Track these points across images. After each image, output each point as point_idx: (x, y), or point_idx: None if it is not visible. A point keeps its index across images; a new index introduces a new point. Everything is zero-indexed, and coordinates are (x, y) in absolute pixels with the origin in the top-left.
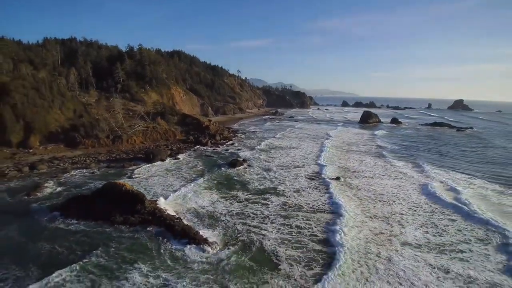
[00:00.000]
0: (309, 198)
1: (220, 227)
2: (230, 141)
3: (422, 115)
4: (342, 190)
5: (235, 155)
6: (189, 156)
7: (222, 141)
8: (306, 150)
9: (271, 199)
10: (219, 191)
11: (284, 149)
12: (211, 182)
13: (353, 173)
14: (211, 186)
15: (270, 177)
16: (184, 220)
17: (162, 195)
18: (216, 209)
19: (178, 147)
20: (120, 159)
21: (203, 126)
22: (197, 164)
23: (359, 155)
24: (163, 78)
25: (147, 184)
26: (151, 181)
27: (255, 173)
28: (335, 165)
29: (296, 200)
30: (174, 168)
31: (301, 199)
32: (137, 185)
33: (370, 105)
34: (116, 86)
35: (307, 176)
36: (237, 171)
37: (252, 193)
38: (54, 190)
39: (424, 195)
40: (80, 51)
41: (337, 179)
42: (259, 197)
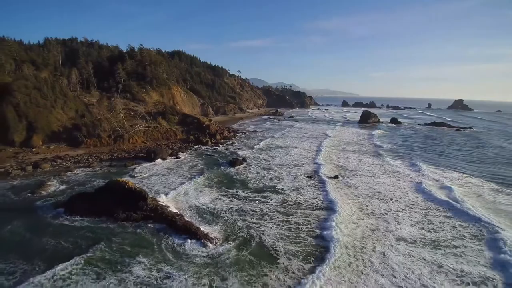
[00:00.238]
0: (307, 196)
1: (220, 223)
2: (230, 141)
3: (421, 115)
4: (339, 188)
5: (235, 154)
6: (190, 155)
7: (222, 141)
8: (305, 149)
9: (270, 196)
10: (219, 189)
11: (283, 148)
12: (212, 180)
13: (351, 172)
14: (212, 184)
15: (269, 175)
16: (185, 216)
17: (163, 192)
18: (216, 206)
19: (179, 146)
20: (122, 158)
21: (204, 125)
22: (197, 163)
23: (357, 154)
24: (164, 78)
25: (148, 182)
26: (152, 179)
27: (255, 171)
28: (334, 164)
29: (295, 198)
30: (175, 167)
31: (299, 197)
32: (139, 183)
33: (370, 105)
34: (117, 86)
35: (305, 174)
36: (237, 169)
37: (251, 191)
38: (57, 188)
39: (420, 193)
40: (81, 51)
41: (335, 177)
42: (259, 194)
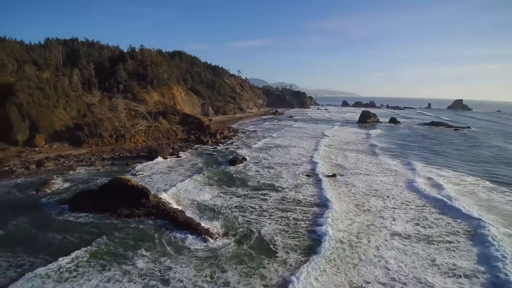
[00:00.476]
0: (306, 193)
1: (220, 219)
2: (230, 140)
3: (421, 115)
4: (337, 186)
5: (235, 153)
6: (190, 154)
7: (222, 140)
8: (304, 148)
9: (269, 194)
10: (220, 187)
11: (282, 147)
12: (212, 178)
13: (349, 171)
14: (212, 182)
15: (268, 174)
16: (186, 213)
17: (165, 190)
18: (216, 203)
19: (179, 145)
20: (123, 157)
21: (204, 125)
22: (198, 162)
23: (355, 153)
24: (165, 78)
25: (150, 180)
26: (154, 177)
27: (254, 170)
28: (332, 163)
29: (293, 195)
30: (176, 165)
31: (298, 194)
32: (141, 181)
33: (370, 105)
34: (118, 86)
35: (304, 173)
36: (236, 168)
37: (251, 188)
38: (61, 186)
39: (416, 191)
40: (82, 52)
41: (333, 176)
42: (258, 192)
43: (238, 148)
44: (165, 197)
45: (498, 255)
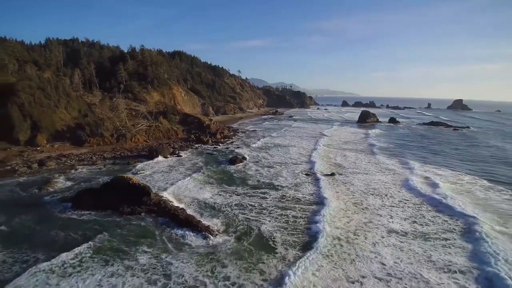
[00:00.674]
0: (305, 192)
1: (221, 217)
2: (230, 140)
3: (420, 115)
4: (336, 185)
5: (235, 152)
6: (191, 153)
7: (222, 140)
8: (303, 148)
9: (269, 193)
10: (220, 185)
11: (282, 147)
12: (212, 177)
13: (347, 170)
14: (212, 181)
15: (268, 173)
16: (187, 210)
17: (166, 188)
18: (217, 201)
19: (180, 145)
20: (124, 156)
21: (204, 125)
22: (198, 161)
23: (354, 153)
24: (165, 78)
25: (151, 179)
26: (155, 176)
27: (254, 169)
28: (331, 162)
29: (293, 194)
30: (176, 164)
31: (297, 193)
32: (142, 180)
33: (369, 105)
34: (119, 86)
35: (303, 172)
36: (236, 167)
37: (251, 187)
38: (64, 184)
39: (414, 190)
40: (82, 52)
41: (332, 175)
42: (258, 191)
43: (238, 147)
44: (166, 195)
45: (491, 251)
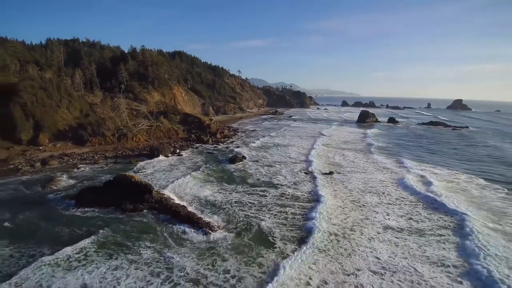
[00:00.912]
0: (304, 190)
1: (221, 213)
2: (230, 139)
3: (420, 115)
4: (334, 183)
5: (235, 152)
6: (191, 153)
7: (222, 139)
8: (302, 147)
9: (268, 191)
10: (220, 184)
11: (281, 146)
12: (212, 176)
13: (345, 168)
14: (212, 179)
15: (267, 171)
16: (188, 208)
17: (167, 186)
18: (217, 199)
19: (180, 144)
20: (126, 155)
21: (205, 125)
22: (199, 160)
23: (353, 152)
24: (165, 78)
25: (153, 177)
26: (156, 174)
27: (254, 168)
28: (329, 161)
29: (292, 192)
30: (177, 163)
31: (296, 191)
32: (143, 178)
33: (369, 105)
34: (119, 86)
35: (302, 170)
36: (236, 166)
37: (250, 185)
38: (66, 182)
39: (411, 188)
40: (83, 52)
41: (330, 173)
42: (257, 189)
43: (238, 147)
44: (167, 193)
45: (481, 246)
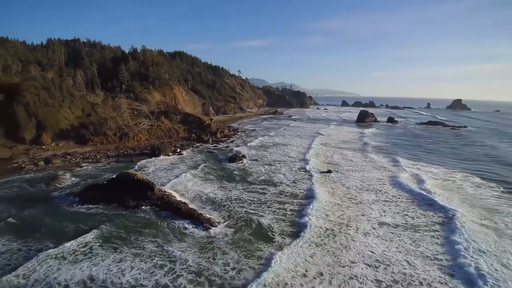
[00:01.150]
0: (302, 187)
1: (221, 210)
2: (230, 139)
3: (419, 115)
4: (332, 181)
5: (235, 151)
6: (192, 152)
7: (223, 139)
8: (302, 146)
9: (268, 188)
10: (220, 182)
11: (280, 145)
12: (213, 174)
13: (343, 167)
14: (213, 178)
15: (267, 170)
16: (189, 205)
17: (168, 184)
18: (217, 196)
19: (181, 144)
20: (128, 154)
21: (205, 124)
22: (199, 159)
23: (351, 151)
24: (166, 78)
25: (154, 175)
26: (158, 173)
27: (253, 166)
28: (328, 160)
29: (290, 189)
30: (178, 162)
31: (295, 189)
32: (145, 176)
33: (369, 105)
34: (120, 86)
35: (301, 169)
36: (236, 165)
37: (250, 183)
38: (70, 180)
39: (407, 186)
40: (83, 52)
41: (328, 172)
42: (257, 186)
43: (238, 146)
44: (168, 190)
45: (471, 241)
